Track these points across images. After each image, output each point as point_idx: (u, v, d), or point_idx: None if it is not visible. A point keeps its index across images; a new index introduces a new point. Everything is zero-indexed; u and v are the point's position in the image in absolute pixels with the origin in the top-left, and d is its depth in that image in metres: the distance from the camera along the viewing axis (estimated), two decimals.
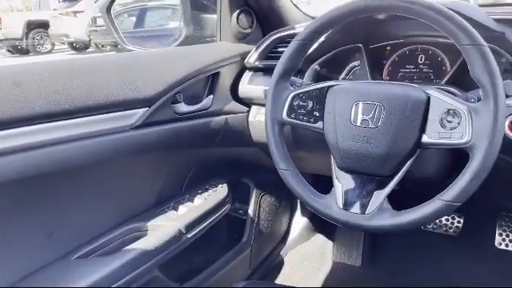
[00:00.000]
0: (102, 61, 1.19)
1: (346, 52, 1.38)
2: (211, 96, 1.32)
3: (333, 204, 1.00)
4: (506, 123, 1.02)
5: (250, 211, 1.58)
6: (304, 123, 1.06)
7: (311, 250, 1.86)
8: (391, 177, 0.96)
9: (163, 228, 1.16)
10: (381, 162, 0.94)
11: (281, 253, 1.80)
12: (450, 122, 0.89)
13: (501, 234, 1.61)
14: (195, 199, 1.31)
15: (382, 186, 0.96)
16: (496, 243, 1.61)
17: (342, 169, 1.02)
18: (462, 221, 1.67)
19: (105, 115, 1.04)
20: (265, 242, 1.70)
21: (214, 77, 1.34)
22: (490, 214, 1.65)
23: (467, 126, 0.86)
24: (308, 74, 1.37)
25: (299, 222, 1.90)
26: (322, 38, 1.32)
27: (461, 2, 1.10)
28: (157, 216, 1.21)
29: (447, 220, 1.68)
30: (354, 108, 0.97)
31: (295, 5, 1.54)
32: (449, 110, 0.89)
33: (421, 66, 1.32)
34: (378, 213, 0.95)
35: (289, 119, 1.07)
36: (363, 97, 0.97)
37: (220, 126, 1.35)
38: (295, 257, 1.81)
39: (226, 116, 1.37)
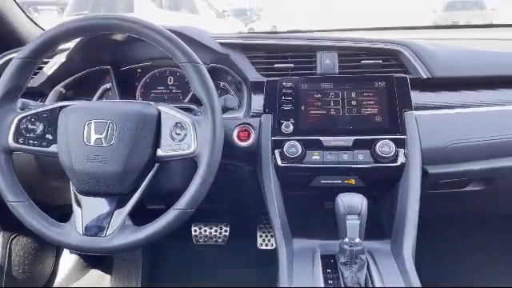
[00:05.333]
0: None
1: (96, 74, 1.35)
2: None
3: (72, 231, 0.94)
4: (235, 133, 1.15)
5: None
6: (35, 148, 0.97)
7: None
8: (131, 193, 0.96)
9: None
10: (118, 179, 0.93)
11: None
12: (178, 134, 0.95)
13: (261, 236, 1.80)
14: None
15: (122, 205, 0.95)
16: (258, 244, 1.79)
17: (81, 192, 0.97)
18: (228, 229, 1.80)
19: None
20: None
21: None
22: (251, 220, 1.83)
23: (192, 137, 0.93)
24: (51, 96, 1.28)
25: (68, 260, 1.74)
26: (63, 59, 1.26)
27: (189, 27, 1.20)
28: None
29: (216, 231, 1.80)
30: (87, 127, 0.93)
31: (34, 22, 1.42)
32: (177, 123, 0.95)
33: (170, 87, 1.39)
34: (119, 232, 0.93)
35: (17, 145, 0.96)
36: (95, 115, 0.94)
37: None
38: None
39: None
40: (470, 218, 1.59)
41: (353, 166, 1.06)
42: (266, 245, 1.80)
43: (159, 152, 0.95)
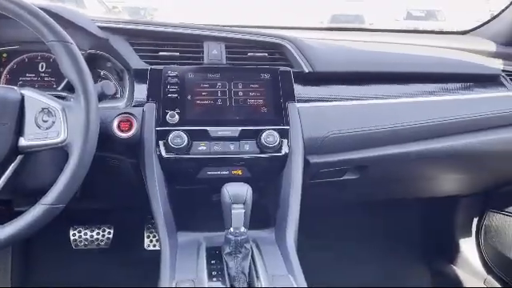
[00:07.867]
0: None
1: None
2: None
3: None
4: (115, 124, 1.06)
5: None
6: None
7: None
8: None
9: None
10: None
11: None
12: (45, 121, 0.85)
13: (148, 237, 1.72)
14: None
15: None
16: (145, 245, 1.70)
17: None
18: (112, 232, 1.69)
19: None
20: None
21: None
22: (137, 220, 1.74)
23: (62, 125, 0.84)
24: None
25: None
26: None
27: (62, 6, 1.09)
28: None
29: (98, 234, 1.67)
30: None
31: None
32: (43, 108, 0.85)
33: (42, 74, 1.25)
34: None
35: None
36: None
37: None
38: None
39: None
40: (349, 207, 1.71)
41: (239, 156, 1.06)
42: (154, 245, 1.72)
43: (22, 141, 0.84)
